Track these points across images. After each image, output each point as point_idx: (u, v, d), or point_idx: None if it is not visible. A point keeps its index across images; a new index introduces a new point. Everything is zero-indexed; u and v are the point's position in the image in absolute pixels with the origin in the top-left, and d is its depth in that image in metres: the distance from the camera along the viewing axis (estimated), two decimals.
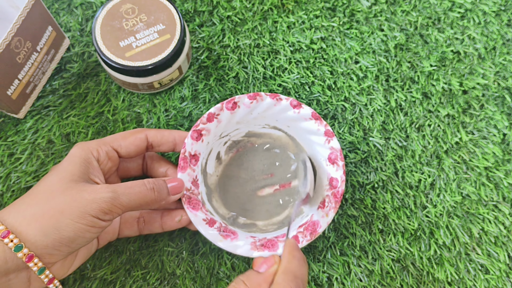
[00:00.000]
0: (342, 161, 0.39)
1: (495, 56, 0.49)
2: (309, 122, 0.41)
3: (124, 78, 0.43)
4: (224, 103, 0.40)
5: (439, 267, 0.42)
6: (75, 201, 0.32)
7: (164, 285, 0.41)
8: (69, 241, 0.32)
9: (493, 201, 0.44)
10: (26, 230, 0.31)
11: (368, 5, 0.50)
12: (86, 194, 0.32)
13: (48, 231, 0.31)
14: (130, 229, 0.39)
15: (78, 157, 0.34)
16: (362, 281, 0.42)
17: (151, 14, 0.43)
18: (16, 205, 0.32)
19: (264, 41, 0.48)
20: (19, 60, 0.41)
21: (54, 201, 0.32)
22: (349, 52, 0.48)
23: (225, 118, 0.40)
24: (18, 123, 0.45)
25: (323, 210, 0.39)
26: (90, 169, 0.34)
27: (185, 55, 0.44)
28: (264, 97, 0.40)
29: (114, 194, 0.33)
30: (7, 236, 0.30)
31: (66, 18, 0.49)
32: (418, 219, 0.43)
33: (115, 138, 0.37)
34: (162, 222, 0.39)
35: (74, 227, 0.31)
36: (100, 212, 0.32)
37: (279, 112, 0.41)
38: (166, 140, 0.39)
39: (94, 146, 0.35)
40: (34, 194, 0.33)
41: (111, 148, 0.37)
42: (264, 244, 0.38)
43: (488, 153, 0.45)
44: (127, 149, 0.37)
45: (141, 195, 0.34)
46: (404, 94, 0.47)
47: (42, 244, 0.31)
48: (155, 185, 0.35)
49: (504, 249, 0.43)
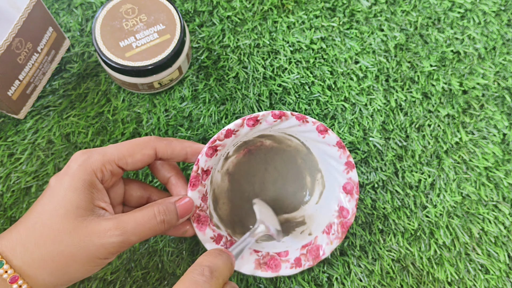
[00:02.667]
0: (357, 195, 0.39)
1: (495, 56, 0.49)
2: (332, 149, 0.39)
3: (124, 78, 0.43)
4: (245, 120, 0.36)
5: (439, 267, 0.42)
6: (85, 248, 0.31)
7: (164, 285, 0.41)
8: (76, 279, 0.32)
9: (493, 201, 0.44)
10: (35, 275, 0.31)
11: (368, 5, 0.50)
12: (95, 239, 0.31)
13: (57, 274, 0.31)
14: None
15: (82, 181, 0.32)
16: (362, 281, 0.42)
17: (151, 14, 0.43)
18: (21, 240, 0.31)
19: (264, 41, 0.48)
20: (20, 61, 0.41)
21: (63, 245, 0.31)
22: (349, 52, 0.48)
23: (243, 133, 0.37)
24: (18, 123, 0.45)
25: (328, 237, 0.39)
26: (95, 194, 0.33)
27: (185, 55, 0.44)
28: (289, 117, 0.37)
29: (123, 236, 0.31)
30: (15, 282, 0.30)
31: (66, 18, 0.49)
32: (418, 219, 0.43)
33: (121, 154, 0.34)
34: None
35: (82, 269, 0.31)
36: (109, 254, 0.32)
37: (302, 131, 0.39)
38: (177, 154, 0.36)
39: (97, 166, 0.33)
40: (40, 230, 0.31)
41: (116, 166, 0.34)
42: (267, 263, 0.38)
43: (488, 153, 0.45)
44: (133, 165, 0.35)
45: (151, 231, 0.33)
46: (404, 94, 0.47)
47: (51, 285, 0.31)
48: (165, 216, 0.33)
49: (504, 249, 0.43)
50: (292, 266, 0.38)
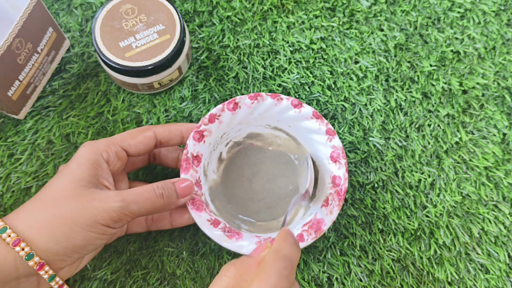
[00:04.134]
0: (344, 159, 0.39)
1: (494, 55, 0.49)
2: (310, 121, 0.41)
3: (124, 79, 0.43)
4: (225, 104, 0.40)
5: (439, 267, 0.42)
6: (86, 210, 0.32)
7: (164, 285, 0.41)
8: (80, 248, 0.32)
9: (493, 200, 0.44)
10: (37, 237, 0.31)
11: (368, 5, 0.50)
12: (96, 203, 0.32)
13: (59, 239, 0.31)
14: (138, 226, 0.39)
15: (87, 159, 0.34)
16: (362, 281, 0.42)
17: (150, 15, 0.43)
18: (26, 209, 0.32)
19: (264, 41, 0.49)
20: (20, 61, 0.41)
21: (65, 208, 0.32)
22: (349, 52, 0.48)
23: (226, 119, 0.40)
24: (18, 124, 0.45)
25: (327, 208, 0.39)
26: (99, 171, 0.34)
27: (184, 55, 0.44)
28: (265, 97, 0.40)
29: (123, 203, 0.32)
30: (18, 244, 0.30)
31: (66, 18, 0.49)
32: (418, 219, 0.43)
33: (124, 137, 0.37)
34: (171, 219, 0.39)
35: (85, 235, 0.32)
36: (110, 221, 0.32)
37: (280, 112, 0.41)
38: (174, 134, 0.38)
39: (103, 147, 0.35)
40: (44, 198, 0.32)
41: (120, 148, 0.36)
42: None
43: (488, 152, 0.45)
44: (136, 148, 0.37)
45: (151, 202, 0.34)
46: (404, 94, 0.47)
47: (53, 251, 0.31)
48: (164, 191, 0.35)
49: (504, 249, 0.43)
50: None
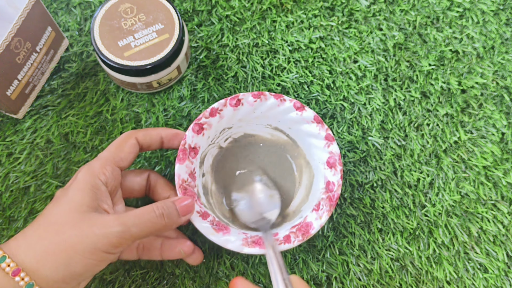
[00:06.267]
0: (340, 166, 0.39)
1: (493, 55, 0.49)
2: (311, 125, 0.41)
3: (123, 78, 0.43)
4: (228, 99, 0.40)
5: (438, 266, 0.42)
6: (86, 237, 0.31)
7: (163, 285, 0.41)
8: (78, 275, 0.32)
9: (492, 200, 0.44)
10: (37, 267, 0.31)
11: (367, 4, 0.50)
12: (96, 229, 0.32)
13: (59, 267, 0.31)
14: (129, 254, 0.39)
15: (86, 183, 0.34)
16: (361, 280, 0.42)
17: (149, 14, 0.43)
18: (26, 237, 0.32)
19: (263, 40, 0.48)
20: (19, 60, 0.41)
21: (64, 235, 0.31)
22: (348, 51, 0.48)
23: (227, 114, 0.41)
24: (16, 123, 0.45)
25: (317, 213, 0.38)
26: (99, 195, 0.34)
27: (183, 54, 0.44)
28: (268, 97, 0.41)
29: (124, 227, 0.32)
30: (18, 274, 0.30)
31: (65, 17, 0.49)
32: (417, 218, 0.43)
33: (113, 152, 0.36)
34: (161, 251, 0.38)
35: (84, 263, 0.31)
36: (110, 246, 0.32)
37: (282, 113, 0.41)
38: (154, 139, 0.38)
39: (99, 169, 0.35)
40: (44, 225, 0.32)
41: (114, 165, 0.36)
42: (255, 241, 0.38)
43: (486, 152, 0.45)
44: (127, 160, 0.37)
45: (151, 223, 0.33)
46: (403, 93, 0.47)
47: (53, 280, 0.31)
48: (164, 210, 0.34)
49: (502, 248, 0.43)
50: (280, 242, 0.38)
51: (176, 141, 0.39)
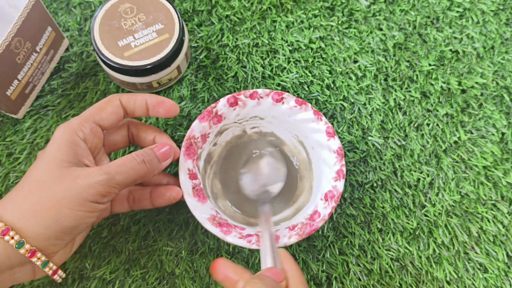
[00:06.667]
0: (335, 203, 0.38)
1: (493, 55, 0.49)
2: (331, 154, 0.40)
3: (122, 78, 0.43)
4: (273, 92, 0.40)
5: (438, 266, 0.42)
6: (71, 189, 0.31)
7: (163, 284, 0.41)
8: (70, 229, 0.32)
9: (492, 200, 0.44)
10: (26, 225, 0.31)
11: (367, 4, 0.50)
12: (80, 181, 0.32)
13: (49, 223, 0.31)
14: (121, 206, 0.39)
15: (64, 141, 0.33)
16: (361, 280, 0.42)
17: (149, 14, 0.43)
18: (11, 198, 0.32)
19: (263, 40, 0.48)
20: (19, 60, 0.41)
21: (50, 191, 0.31)
22: (348, 51, 0.48)
23: (266, 105, 0.40)
24: (16, 123, 0.45)
25: (289, 232, 0.38)
26: (79, 151, 0.34)
27: (183, 54, 0.44)
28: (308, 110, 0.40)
29: (108, 175, 0.32)
30: (7, 234, 0.30)
31: (65, 17, 0.49)
32: (417, 218, 0.43)
33: (94, 112, 0.36)
34: (152, 199, 0.39)
35: (74, 215, 0.31)
36: (99, 196, 0.32)
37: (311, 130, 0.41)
38: (139, 104, 0.37)
39: (77, 126, 0.34)
40: (27, 185, 0.32)
41: (93, 124, 0.36)
42: (221, 223, 0.38)
43: (486, 152, 0.45)
44: (108, 120, 0.36)
45: (134, 170, 0.34)
46: (403, 93, 0.47)
47: (44, 237, 0.31)
48: (144, 157, 0.35)
49: (502, 248, 0.43)
50: (241, 237, 0.37)
51: (161, 109, 0.38)
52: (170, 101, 0.38)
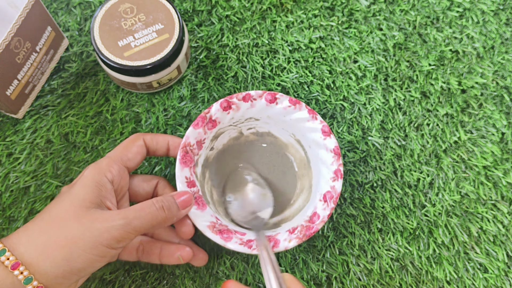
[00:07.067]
0: (334, 204, 0.38)
1: (493, 55, 0.49)
2: (328, 154, 0.40)
3: (122, 78, 0.43)
4: (266, 93, 0.40)
5: (438, 266, 0.42)
6: (88, 231, 0.31)
7: (163, 285, 0.41)
8: (79, 271, 0.32)
9: (492, 200, 0.44)
10: (37, 261, 0.30)
11: (367, 4, 0.50)
12: (98, 224, 0.31)
13: (59, 262, 0.31)
14: (129, 255, 0.38)
15: (92, 180, 0.33)
16: (361, 280, 0.42)
17: (149, 14, 0.43)
18: (27, 231, 0.32)
19: (263, 40, 0.48)
20: (19, 60, 0.41)
21: (66, 229, 0.31)
22: (348, 51, 0.48)
23: (259, 106, 0.41)
24: (16, 123, 0.45)
25: (289, 235, 0.38)
26: (103, 192, 0.34)
27: (183, 54, 0.44)
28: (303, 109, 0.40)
29: (125, 220, 0.32)
30: (17, 268, 0.30)
31: (65, 17, 0.49)
32: (417, 218, 0.43)
33: (120, 152, 0.36)
34: (160, 256, 0.38)
35: (85, 258, 0.31)
36: (113, 241, 0.32)
37: (308, 130, 0.40)
38: (161, 145, 0.39)
39: (106, 167, 0.35)
40: (46, 219, 0.32)
41: (121, 165, 0.36)
42: (221, 230, 0.37)
43: (486, 152, 0.45)
44: (134, 160, 0.37)
45: (152, 216, 0.33)
46: (403, 93, 0.47)
47: (53, 275, 0.31)
48: (164, 204, 0.34)
49: (502, 248, 0.43)
50: (242, 243, 0.37)
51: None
52: None
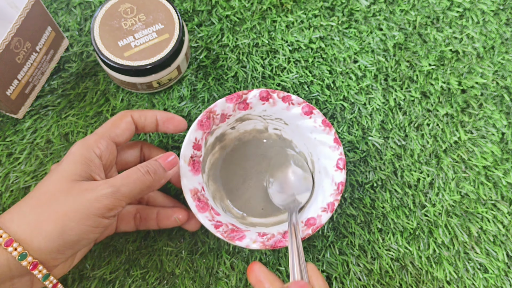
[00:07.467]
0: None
1: (493, 55, 0.49)
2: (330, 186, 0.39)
3: (122, 78, 0.43)
4: (304, 104, 0.40)
5: (438, 266, 0.42)
6: (78, 202, 0.31)
7: (163, 284, 0.41)
8: (73, 243, 0.32)
9: (492, 200, 0.44)
10: (30, 237, 0.31)
11: (367, 4, 0.50)
12: (88, 194, 0.32)
13: (53, 236, 0.31)
14: (127, 225, 0.39)
15: (80, 156, 0.34)
16: (361, 280, 0.42)
17: (149, 14, 0.43)
18: (19, 209, 0.32)
19: (263, 40, 0.48)
20: (19, 60, 0.41)
21: (57, 203, 0.31)
22: (348, 51, 0.48)
23: (294, 112, 0.40)
24: (16, 123, 0.45)
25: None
26: (92, 167, 0.34)
27: (183, 54, 0.44)
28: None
29: (114, 188, 0.32)
30: (10, 245, 0.30)
31: (65, 17, 0.49)
32: (417, 218, 0.43)
33: (108, 128, 0.37)
34: (157, 220, 0.39)
35: (78, 229, 0.31)
36: (105, 209, 0.32)
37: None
38: (149, 121, 0.38)
39: (94, 143, 0.35)
40: (36, 196, 0.32)
41: (110, 141, 0.36)
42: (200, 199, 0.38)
43: (486, 152, 0.45)
44: (122, 136, 0.37)
45: (140, 181, 0.34)
46: (403, 93, 0.47)
47: (47, 250, 0.31)
48: (149, 168, 0.35)
49: (502, 248, 0.43)
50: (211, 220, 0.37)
51: (171, 125, 0.39)
52: (179, 117, 0.39)
